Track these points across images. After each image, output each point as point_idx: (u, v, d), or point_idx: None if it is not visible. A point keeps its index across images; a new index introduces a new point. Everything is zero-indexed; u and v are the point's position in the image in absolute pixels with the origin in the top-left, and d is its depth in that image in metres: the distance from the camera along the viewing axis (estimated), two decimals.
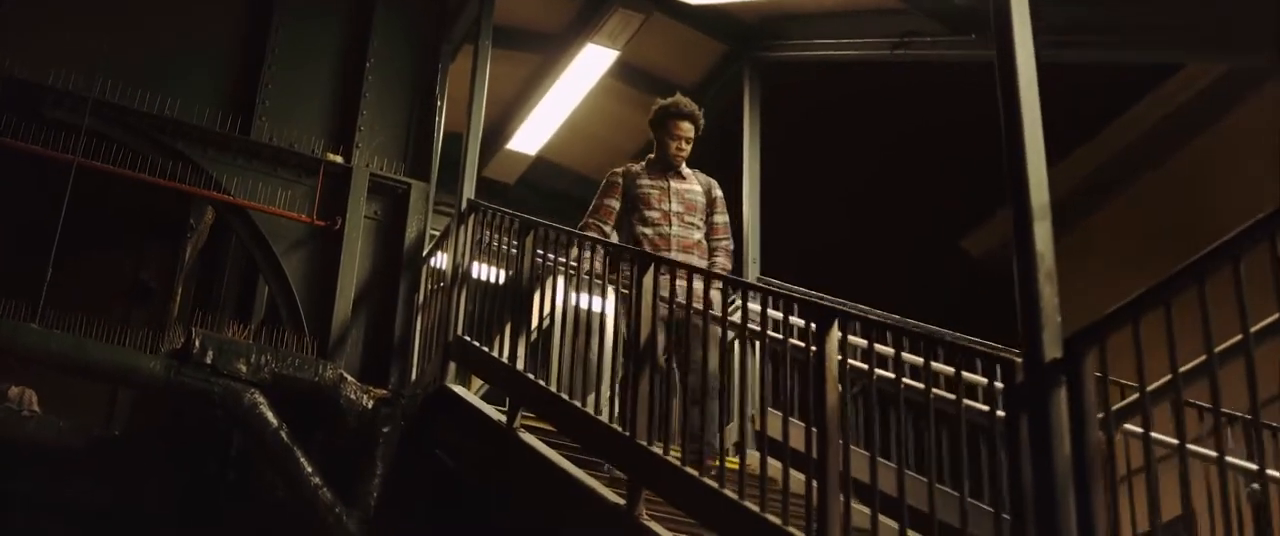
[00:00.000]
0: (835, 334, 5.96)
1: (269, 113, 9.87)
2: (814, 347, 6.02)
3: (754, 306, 7.92)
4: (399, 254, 9.81)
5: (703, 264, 8.37)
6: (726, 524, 6.25)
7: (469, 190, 9.68)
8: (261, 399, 8.52)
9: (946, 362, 5.81)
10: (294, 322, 9.30)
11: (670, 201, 8.63)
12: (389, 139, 10.24)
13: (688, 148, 8.77)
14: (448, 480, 8.66)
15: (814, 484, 5.77)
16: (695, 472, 6.47)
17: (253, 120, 9.76)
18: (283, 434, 8.46)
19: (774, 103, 11.39)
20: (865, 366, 6.17)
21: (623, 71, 12.07)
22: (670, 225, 8.54)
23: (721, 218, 8.85)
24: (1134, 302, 4.61)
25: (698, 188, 8.81)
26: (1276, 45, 7.31)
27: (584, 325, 7.74)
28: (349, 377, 8.90)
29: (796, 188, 8.01)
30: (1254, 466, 5.73)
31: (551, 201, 13.70)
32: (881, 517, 5.61)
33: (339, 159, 9.84)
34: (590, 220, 8.64)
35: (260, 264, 9.62)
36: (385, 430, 8.76)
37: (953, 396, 5.58)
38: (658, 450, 6.74)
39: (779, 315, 7.39)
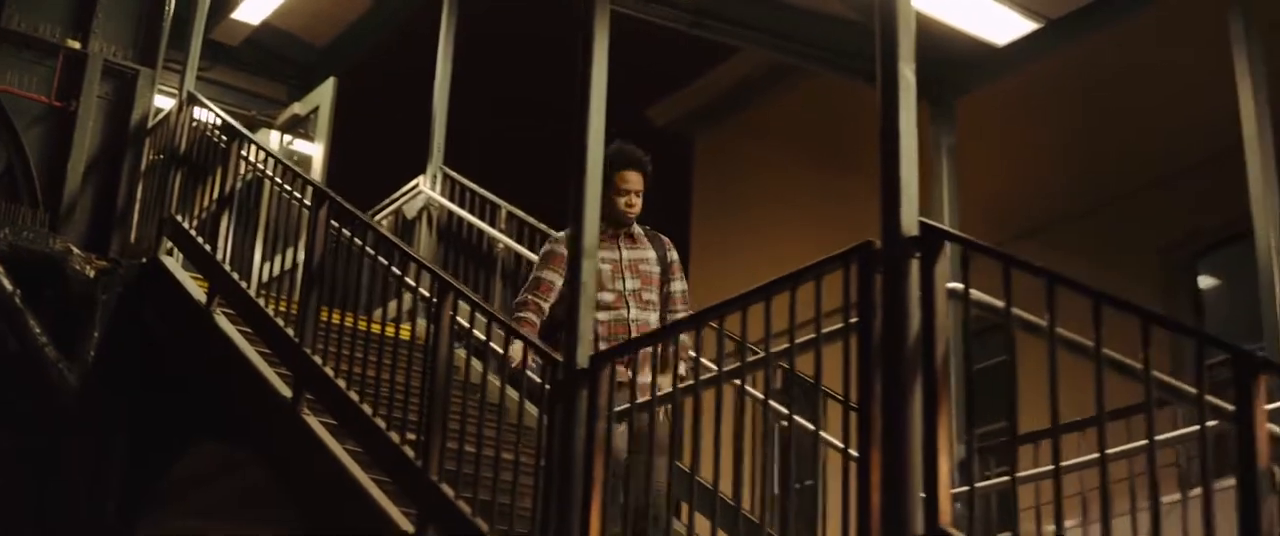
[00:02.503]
0: (449, 304, 7.71)
1: (17, 1, 11.18)
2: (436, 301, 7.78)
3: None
4: (125, 133, 11.25)
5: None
6: (358, 430, 8.04)
7: (190, 82, 11.16)
8: None
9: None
10: (30, 193, 10.77)
11: (624, 278, 7.56)
12: (122, 26, 11.59)
13: (639, 201, 7.67)
14: (156, 344, 10.29)
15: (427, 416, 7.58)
16: (342, 385, 8.24)
17: (3, 8, 11.07)
18: (16, 298, 10.01)
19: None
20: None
21: None
22: (627, 308, 7.47)
23: (679, 286, 7.78)
24: (627, 344, 6.52)
25: (652, 254, 7.72)
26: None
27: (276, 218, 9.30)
28: (75, 250, 10.45)
29: (489, 82, 9.08)
30: None
31: (274, 61, 15.15)
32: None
33: (77, 45, 11.22)
34: (528, 297, 7.67)
35: (2, 137, 11.03)
36: (103, 297, 10.36)
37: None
38: (317, 360, 8.50)
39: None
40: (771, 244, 14.81)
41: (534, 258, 10.24)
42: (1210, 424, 4.62)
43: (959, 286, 5.34)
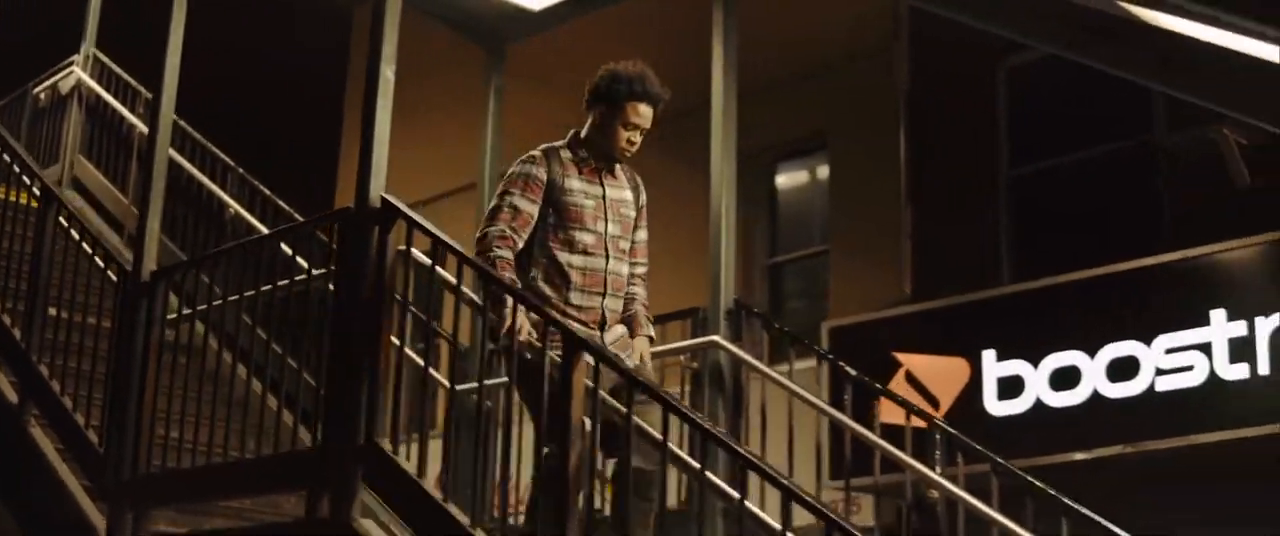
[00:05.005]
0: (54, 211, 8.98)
1: None
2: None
3: None
4: None
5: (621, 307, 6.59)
6: None
7: None
8: None
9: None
10: None
11: (607, 220, 6.51)
12: None
13: (639, 141, 6.59)
14: None
15: None
16: None
17: None
18: None
19: None
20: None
21: None
22: (605, 256, 6.45)
23: (644, 235, 6.75)
24: (188, 262, 7.91)
25: (629, 195, 6.66)
26: None
27: None
28: None
29: None
30: None
31: None
32: None
33: None
34: (505, 229, 6.40)
35: None
36: None
37: None
38: None
39: None
40: (431, 142, 15.84)
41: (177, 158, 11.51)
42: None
43: (403, 247, 6.76)
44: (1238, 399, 9.99)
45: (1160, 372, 10.33)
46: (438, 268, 6.80)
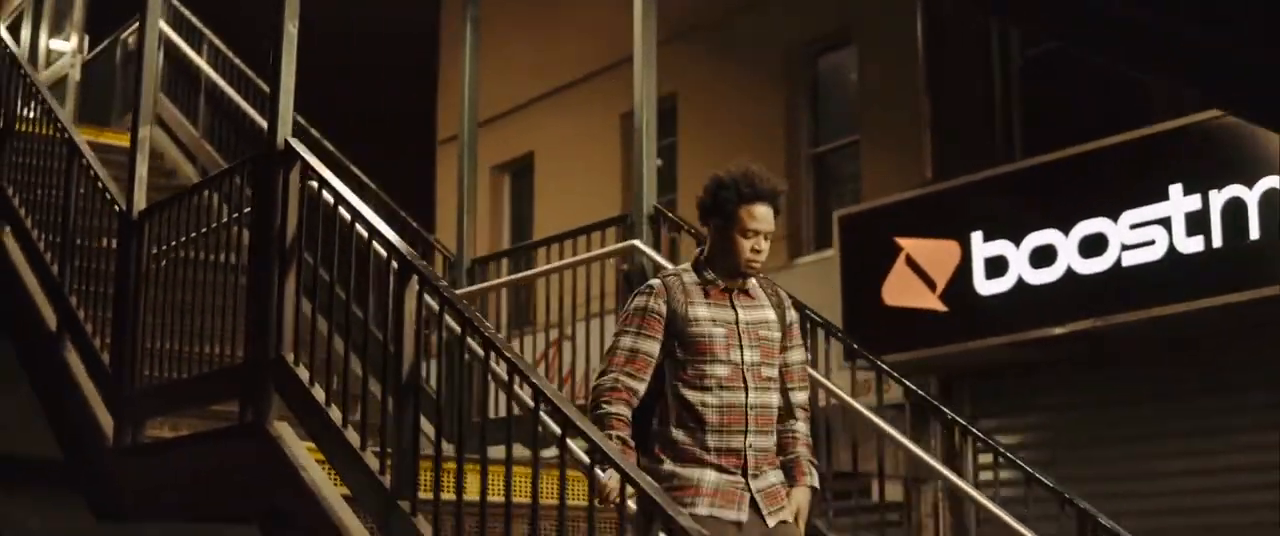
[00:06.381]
0: None
1: None
2: None
3: None
4: None
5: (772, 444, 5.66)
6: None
7: None
8: None
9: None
10: None
11: (743, 346, 5.58)
12: None
13: (767, 246, 5.65)
14: None
15: None
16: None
17: None
18: None
19: None
20: None
21: None
22: (745, 388, 5.54)
23: (798, 356, 5.85)
24: (163, 201, 8.98)
25: (771, 315, 5.72)
26: None
27: None
28: None
29: None
30: None
31: None
32: None
33: None
34: (620, 378, 5.55)
35: None
36: None
37: None
38: None
39: None
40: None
41: (233, 94, 12.67)
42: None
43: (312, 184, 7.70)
44: (1196, 270, 10.49)
45: (1125, 248, 10.85)
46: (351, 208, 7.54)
